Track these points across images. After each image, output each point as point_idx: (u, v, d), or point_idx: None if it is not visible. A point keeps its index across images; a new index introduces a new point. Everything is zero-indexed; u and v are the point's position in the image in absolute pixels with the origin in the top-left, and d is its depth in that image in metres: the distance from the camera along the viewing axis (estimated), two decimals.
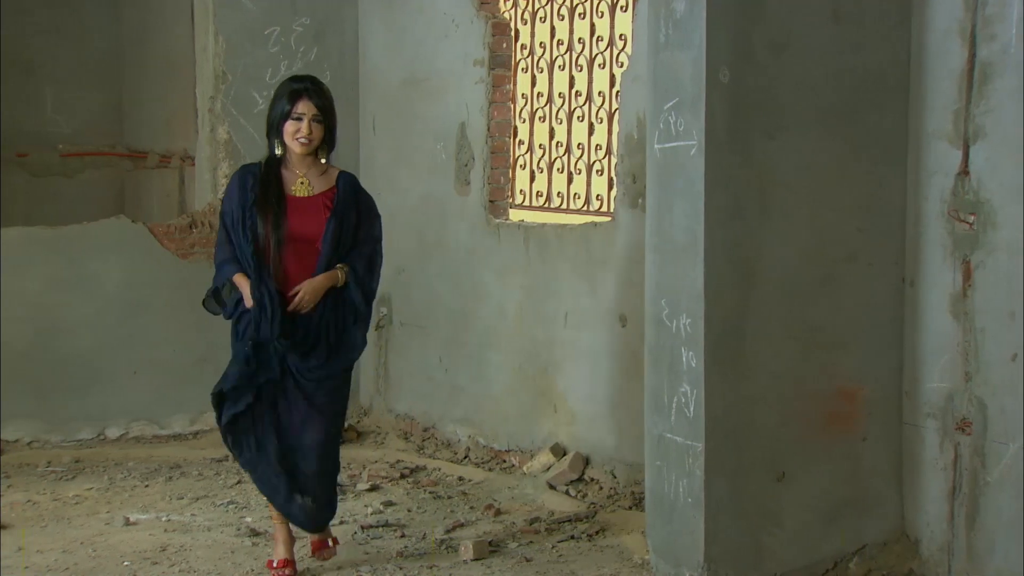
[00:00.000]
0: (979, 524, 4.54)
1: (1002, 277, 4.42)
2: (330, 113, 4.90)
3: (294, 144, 4.83)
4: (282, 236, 4.81)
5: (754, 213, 4.49)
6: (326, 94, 4.90)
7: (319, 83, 4.94)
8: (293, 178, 4.90)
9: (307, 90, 4.84)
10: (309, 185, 4.90)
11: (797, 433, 4.63)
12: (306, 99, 4.82)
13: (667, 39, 4.52)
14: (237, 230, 4.84)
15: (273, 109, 4.90)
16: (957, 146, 4.55)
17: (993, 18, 4.39)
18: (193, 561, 5.21)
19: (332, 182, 4.94)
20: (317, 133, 4.84)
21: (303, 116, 4.80)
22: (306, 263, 4.85)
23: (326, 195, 4.91)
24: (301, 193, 4.89)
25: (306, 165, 4.91)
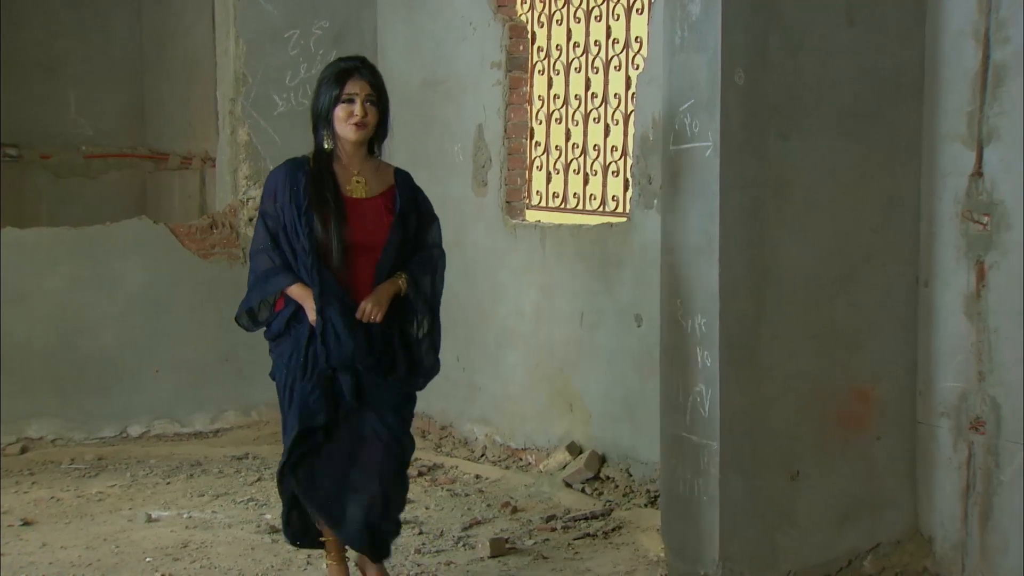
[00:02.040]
0: (993, 523, 4.53)
1: (1016, 278, 4.41)
2: (384, 94, 4.38)
3: (347, 130, 4.27)
4: (344, 244, 4.22)
5: (769, 214, 4.48)
6: (377, 73, 4.38)
7: (368, 61, 4.41)
8: (347, 176, 4.33)
9: (357, 68, 4.31)
10: (366, 184, 4.35)
11: (812, 432, 4.62)
12: (357, 78, 4.28)
13: (682, 41, 4.51)
14: (291, 235, 4.26)
15: (319, 97, 4.32)
16: (971, 147, 4.54)
17: (1007, 21, 4.38)
18: (214, 558, 5.23)
19: (390, 181, 4.41)
20: (372, 116, 4.30)
21: (355, 97, 4.26)
22: (368, 274, 4.30)
23: (386, 196, 4.37)
24: (359, 194, 4.32)
25: (359, 159, 4.36)
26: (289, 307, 4.32)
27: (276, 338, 4.41)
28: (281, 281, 4.29)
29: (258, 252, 4.37)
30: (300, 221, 4.21)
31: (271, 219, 4.31)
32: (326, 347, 4.23)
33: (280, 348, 4.39)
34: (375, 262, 4.30)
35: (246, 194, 7.54)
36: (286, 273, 4.28)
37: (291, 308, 4.32)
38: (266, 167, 7.48)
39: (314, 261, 4.21)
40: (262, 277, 4.34)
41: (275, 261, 4.30)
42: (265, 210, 4.34)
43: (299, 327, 4.32)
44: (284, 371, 4.38)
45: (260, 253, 4.36)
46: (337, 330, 4.21)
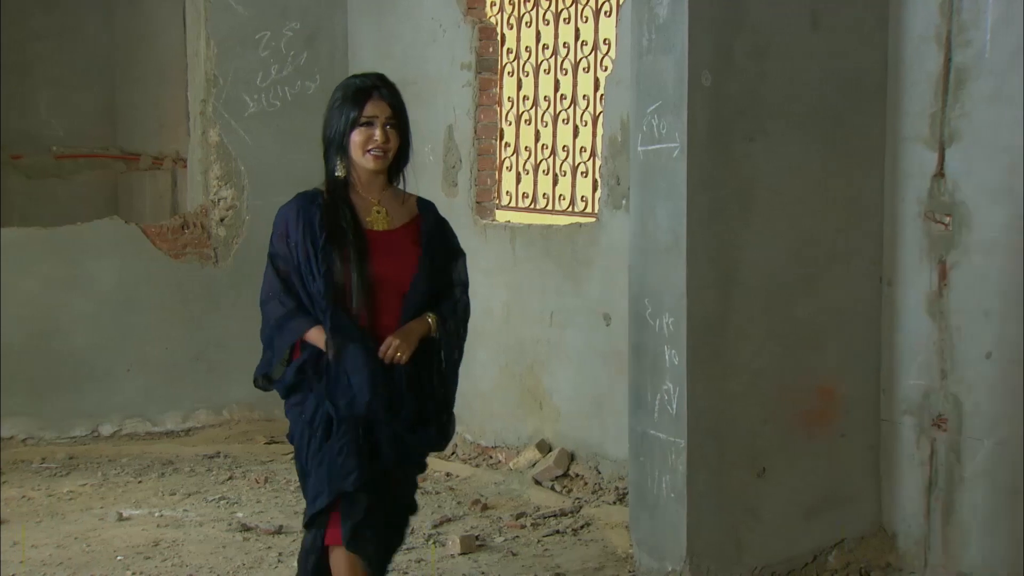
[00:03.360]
0: (955, 519, 4.56)
1: (977, 277, 4.44)
2: (405, 116, 3.77)
3: (365, 159, 3.69)
4: (367, 281, 3.66)
5: (736, 214, 4.50)
6: (398, 93, 3.77)
7: (387, 79, 3.80)
8: (366, 207, 3.75)
9: (376, 88, 3.71)
10: (388, 216, 3.77)
11: (777, 429, 4.64)
12: (376, 98, 3.69)
13: (650, 43, 4.52)
14: (306, 276, 3.68)
15: (333, 119, 3.72)
16: (933, 149, 4.57)
17: (968, 24, 4.41)
18: (185, 556, 5.21)
19: (413, 211, 3.83)
20: (393, 141, 3.71)
21: (375, 120, 3.67)
22: (390, 314, 3.72)
23: (410, 229, 3.80)
24: (380, 226, 3.74)
25: (378, 188, 3.78)
26: (305, 354, 3.73)
27: (291, 392, 3.78)
28: (299, 326, 3.70)
29: (268, 300, 3.80)
30: (316, 259, 3.65)
31: (282, 261, 3.74)
32: (336, 395, 3.66)
33: (296, 404, 3.79)
34: (400, 301, 3.73)
35: (217, 194, 7.51)
36: (303, 316, 3.70)
37: (307, 355, 3.72)
38: (237, 168, 7.48)
39: (329, 303, 3.63)
40: (276, 327, 3.76)
41: (288, 305, 3.72)
42: (275, 251, 3.76)
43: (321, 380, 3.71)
44: (305, 430, 3.75)
45: (271, 300, 3.78)
46: (351, 375, 3.63)
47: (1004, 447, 4.37)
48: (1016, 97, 4.26)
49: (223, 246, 7.56)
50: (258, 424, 7.56)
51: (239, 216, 7.56)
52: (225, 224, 7.54)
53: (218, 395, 7.52)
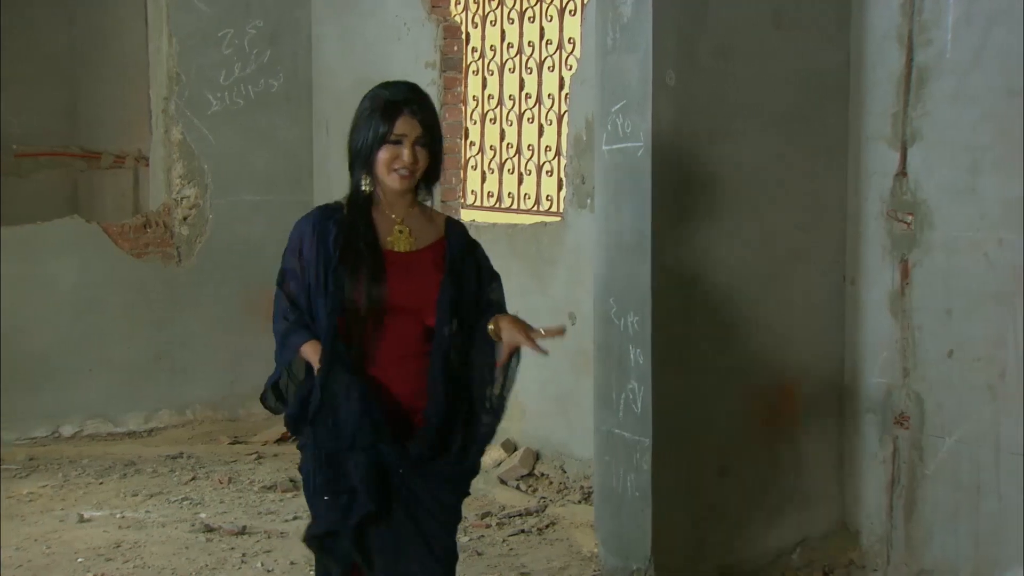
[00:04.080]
0: (917, 516, 4.60)
1: (938, 275, 4.48)
2: (437, 134, 3.47)
3: (390, 178, 3.40)
4: (381, 306, 3.38)
5: (700, 213, 4.52)
6: (431, 107, 3.47)
7: (421, 92, 3.49)
8: (388, 226, 3.47)
9: (408, 103, 3.40)
10: (410, 236, 3.47)
11: (742, 428, 4.66)
12: (408, 116, 3.38)
13: (614, 43, 4.54)
14: (315, 296, 3.44)
15: (360, 131, 3.44)
16: (895, 148, 4.60)
17: (929, 24, 4.44)
18: (147, 557, 5.17)
19: (439, 232, 3.53)
20: (422, 161, 3.40)
21: (403, 139, 3.37)
22: (406, 342, 3.43)
23: (434, 250, 3.50)
24: (402, 247, 3.46)
25: (404, 206, 3.48)
26: (306, 387, 3.48)
27: (297, 424, 3.53)
28: (296, 340, 3.47)
29: (275, 319, 3.57)
30: (327, 280, 3.40)
31: (292, 278, 3.51)
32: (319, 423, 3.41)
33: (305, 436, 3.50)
34: (417, 328, 3.44)
35: (180, 193, 7.47)
36: (302, 330, 3.46)
37: (308, 387, 3.46)
38: (200, 166, 7.45)
39: (331, 326, 3.38)
40: (281, 343, 3.52)
41: (292, 322, 3.48)
42: (286, 267, 3.53)
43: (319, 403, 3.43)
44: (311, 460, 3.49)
45: (276, 319, 3.56)
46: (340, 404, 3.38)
47: (965, 445, 4.41)
48: (977, 96, 4.30)
49: (186, 245, 7.52)
50: (222, 424, 7.53)
51: (202, 215, 7.52)
52: (188, 223, 7.51)
53: (181, 395, 7.49)
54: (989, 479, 4.33)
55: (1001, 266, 4.25)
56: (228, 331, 7.58)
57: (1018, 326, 4.20)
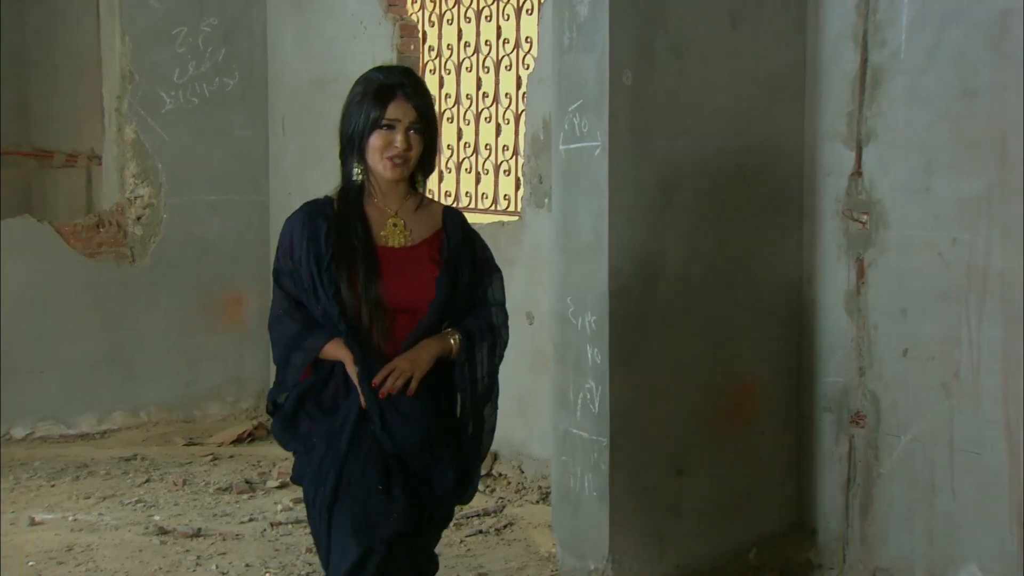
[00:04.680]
0: (872, 514, 4.63)
1: (893, 275, 4.51)
2: (432, 119, 3.33)
3: (383, 166, 3.26)
4: (376, 307, 3.23)
5: (657, 212, 4.53)
6: (426, 92, 3.33)
7: (415, 76, 3.37)
8: (381, 219, 3.32)
9: (402, 86, 3.26)
10: (406, 229, 3.32)
11: (699, 427, 4.68)
12: (401, 99, 3.24)
13: (571, 42, 4.54)
14: (310, 298, 3.27)
15: (351, 116, 3.29)
16: (850, 147, 4.63)
17: (883, 24, 4.47)
18: (100, 560, 5.13)
19: (436, 224, 3.38)
20: (416, 148, 3.27)
21: (396, 124, 3.24)
22: (402, 345, 3.28)
23: (431, 244, 3.34)
24: (396, 242, 3.31)
25: (398, 198, 3.33)
26: (308, 382, 3.30)
27: (288, 425, 3.31)
28: (316, 341, 3.25)
29: (279, 320, 3.34)
30: (322, 280, 3.24)
31: (287, 278, 3.33)
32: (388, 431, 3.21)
33: (302, 439, 3.32)
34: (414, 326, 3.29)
35: (134, 192, 7.41)
36: (320, 331, 3.26)
37: (309, 382, 3.30)
38: (154, 165, 7.39)
39: (350, 327, 3.21)
40: (292, 343, 3.28)
41: (301, 321, 3.29)
42: (279, 268, 3.35)
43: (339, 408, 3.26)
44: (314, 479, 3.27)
45: (282, 319, 3.33)
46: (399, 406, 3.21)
47: (920, 443, 4.44)
48: (930, 97, 4.34)
49: (140, 245, 7.46)
50: (176, 426, 7.49)
51: (156, 214, 7.47)
52: (142, 222, 7.45)
53: (135, 396, 7.43)
54: (943, 477, 4.37)
55: (955, 265, 4.29)
56: (183, 332, 7.54)
57: (971, 325, 4.24)
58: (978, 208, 4.21)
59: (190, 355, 7.56)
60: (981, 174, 4.19)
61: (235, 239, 7.67)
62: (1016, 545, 4.15)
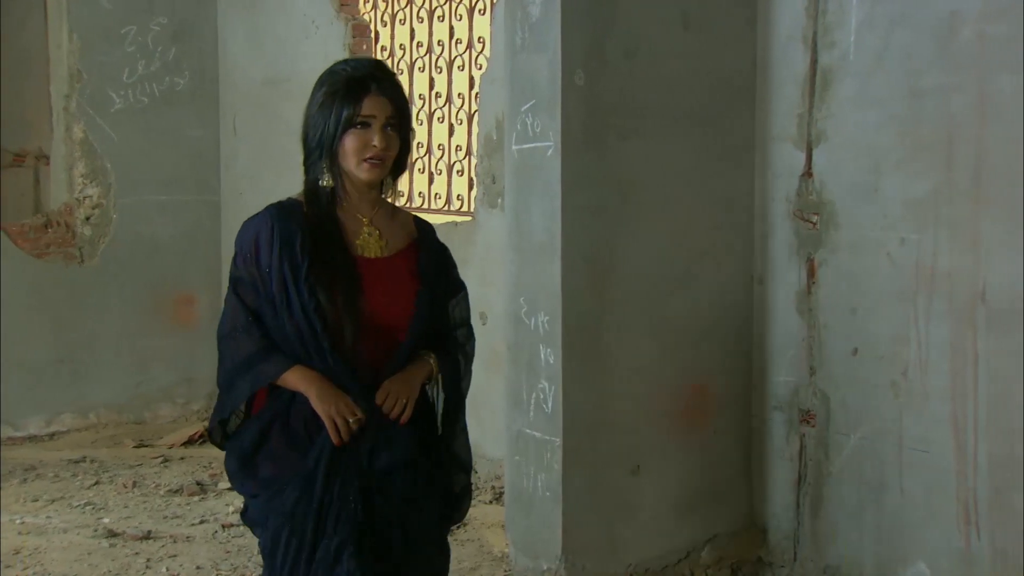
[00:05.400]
0: (822, 512, 4.67)
1: (843, 275, 4.55)
2: (407, 114, 3.06)
3: (359, 169, 2.96)
4: (358, 322, 2.94)
5: (610, 212, 4.54)
6: (399, 85, 3.05)
7: (387, 68, 3.07)
8: (356, 227, 3.04)
9: (375, 79, 2.96)
10: (381, 239, 3.06)
11: (652, 427, 4.69)
12: (376, 94, 2.95)
13: (523, 42, 4.54)
14: (281, 311, 2.93)
15: (319, 118, 2.99)
16: (801, 148, 4.67)
17: (833, 26, 4.51)
18: (48, 563, 5.08)
19: (411, 234, 3.14)
20: (393, 147, 2.99)
21: (372, 121, 2.95)
22: (379, 366, 3.01)
23: (407, 256, 3.09)
24: (372, 252, 3.03)
25: (370, 204, 3.06)
26: (271, 409, 2.99)
27: (248, 460, 2.99)
28: (274, 366, 2.93)
29: (231, 335, 2.99)
30: (299, 292, 2.91)
31: (248, 288, 2.98)
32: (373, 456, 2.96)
33: (266, 482, 2.98)
34: (391, 346, 3.02)
35: (83, 192, 7.34)
36: (276, 355, 2.94)
37: (273, 411, 2.98)
38: (103, 165, 7.32)
39: (331, 346, 2.92)
40: (243, 365, 2.95)
41: (258, 340, 2.95)
42: (239, 276, 2.99)
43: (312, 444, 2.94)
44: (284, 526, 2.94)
45: (234, 335, 2.98)
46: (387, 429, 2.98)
47: (869, 442, 4.48)
48: (879, 98, 4.38)
49: (89, 245, 7.39)
50: (126, 427, 7.43)
51: (106, 215, 7.40)
52: (91, 223, 7.39)
53: (84, 398, 7.37)
54: (892, 475, 4.41)
55: (903, 265, 4.33)
56: (133, 333, 7.48)
57: (920, 325, 4.29)
58: (926, 209, 4.25)
59: (140, 356, 7.50)
60: (929, 175, 4.24)
61: (186, 239, 7.62)
62: (963, 542, 4.20)
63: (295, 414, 2.96)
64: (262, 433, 2.97)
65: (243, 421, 3.03)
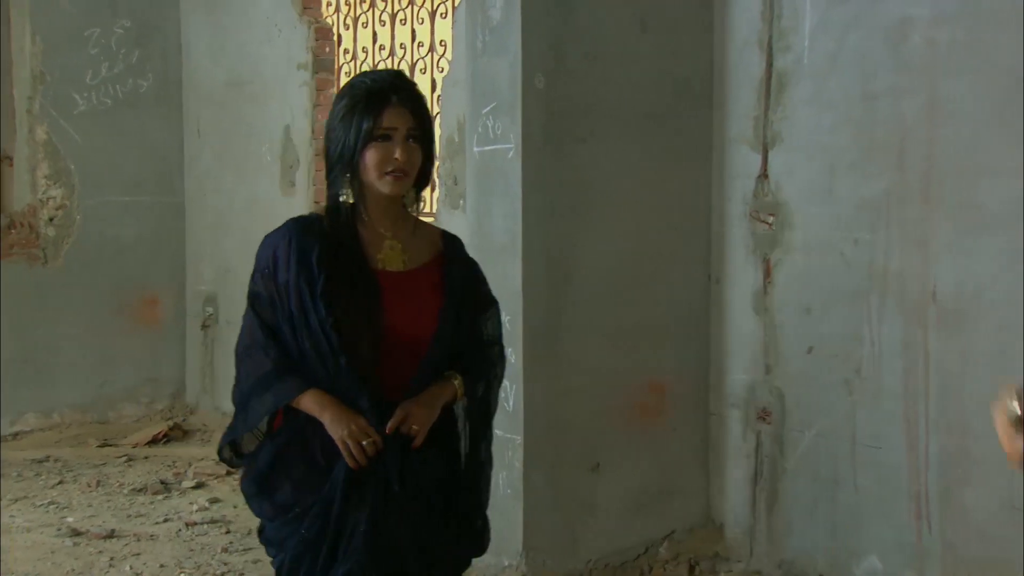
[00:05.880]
0: (778, 508, 4.68)
1: (798, 275, 4.57)
2: (429, 125, 2.91)
3: (381, 183, 2.82)
4: (377, 338, 2.80)
5: (570, 214, 4.54)
6: (421, 96, 2.91)
7: (408, 79, 2.96)
8: (377, 241, 2.89)
9: (395, 91, 2.84)
10: (403, 252, 2.91)
11: (611, 425, 4.70)
12: (396, 105, 2.82)
13: (484, 46, 4.53)
14: (299, 328, 2.80)
15: (339, 132, 2.84)
16: (757, 151, 4.68)
17: (787, 30, 4.53)
18: (11, 563, 5.01)
19: (436, 248, 2.98)
20: (416, 159, 2.85)
21: (393, 133, 2.81)
22: (400, 384, 2.85)
23: (431, 269, 2.94)
24: (393, 265, 2.89)
25: (393, 218, 2.92)
26: (288, 430, 2.86)
27: (264, 483, 2.88)
28: (290, 388, 2.81)
29: (247, 353, 2.88)
30: (316, 307, 2.78)
31: (266, 305, 2.86)
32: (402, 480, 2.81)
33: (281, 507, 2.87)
34: (412, 366, 2.86)
35: (46, 194, 7.26)
36: (294, 376, 2.81)
37: (290, 432, 2.86)
38: (66, 166, 7.24)
39: (348, 364, 2.77)
40: (259, 384, 2.83)
41: (276, 359, 2.83)
42: (257, 292, 2.88)
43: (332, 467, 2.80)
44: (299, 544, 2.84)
45: (251, 353, 2.87)
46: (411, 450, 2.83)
47: (823, 438, 4.50)
48: (833, 101, 4.40)
49: (52, 246, 7.31)
50: (90, 427, 7.34)
51: (69, 216, 7.32)
52: (55, 224, 7.30)
53: (47, 398, 7.28)
54: (846, 471, 4.43)
55: (856, 265, 4.36)
56: (97, 333, 7.40)
57: (872, 323, 4.31)
58: (878, 210, 4.28)
59: (104, 356, 7.42)
60: (881, 176, 4.27)
61: (150, 240, 7.55)
62: (915, 536, 4.22)
63: (312, 436, 2.83)
64: (278, 455, 2.86)
65: (260, 441, 2.89)
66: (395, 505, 2.80)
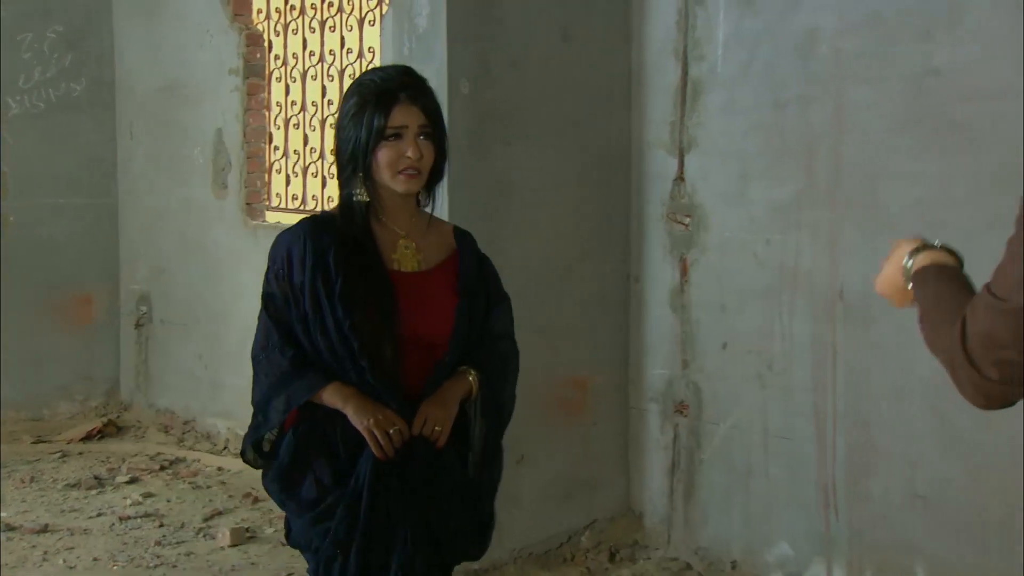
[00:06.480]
0: (694, 498, 4.74)
1: (713, 273, 4.63)
2: (441, 121, 2.84)
3: (395, 181, 2.74)
4: (396, 339, 2.71)
5: (494, 215, 4.55)
6: (431, 92, 2.82)
7: (417, 75, 2.84)
8: (391, 241, 2.81)
9: (404, 88, 2.74)
10: (417, 252, 2.83)
11: (535, 419, 4.72)
12: (406, 103, 2.73)
13: (411, 52, 4.54)
14: (314, 329, 2.72)
15: (350, 131, 2.75)
16: (673, 155, 4.74)
17: (702, 40, 4.59)
18: None
19: (450, 246, 2.91)
20: (428, 156, 2.77)
21: (403, 131, 2.73)
22: (416, 384, 2.77)
23: (446, 268, 2.87)
24: (408, 266, 2.81)
25: (406, 217, 2.83)
26: (307, 424, 2.77)
27: (285, 479, 2.78)
28: (310, 383, 2.72)
29: (263, 353, 2.81)
30: (333, 309, 2.70)
31: (280, 305, 2.77)
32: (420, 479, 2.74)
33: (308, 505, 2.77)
34: (429, 365, 2.78)
35: None
36: (310, 372, 2.73)
37: (309, 427, 2.77)
38: None
39: (371, 366, 2.69)
40: (279, 383, 2.75)
41: (292, 358, 2.74)
42: (271, 293, 2.79)
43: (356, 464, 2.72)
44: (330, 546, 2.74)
45: (267, 353, 2.80)
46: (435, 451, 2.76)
47: (737, 430, 4.57)
48: (745, 108, 4.47)
49: None
50: (24, 424, 7.22)
51: (1, 218, 7.20)
52: None
53: None
54: (758, 462, 4.50)
55: (768, 265, 4.42)
56: (31, 332, 7.28)
57: (784, 320, 4.38)
58: (788, 212, 4.35)
59: (38, 355, 7.31)
60: (791, 181, 4.34)
61: (83, 241, 7.45)
62: (823, 524, 4.30)
63: (331, 429, 2.75)
64: (299, 450, 2.76)
65: (276, 439, 2.81)
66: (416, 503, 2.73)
